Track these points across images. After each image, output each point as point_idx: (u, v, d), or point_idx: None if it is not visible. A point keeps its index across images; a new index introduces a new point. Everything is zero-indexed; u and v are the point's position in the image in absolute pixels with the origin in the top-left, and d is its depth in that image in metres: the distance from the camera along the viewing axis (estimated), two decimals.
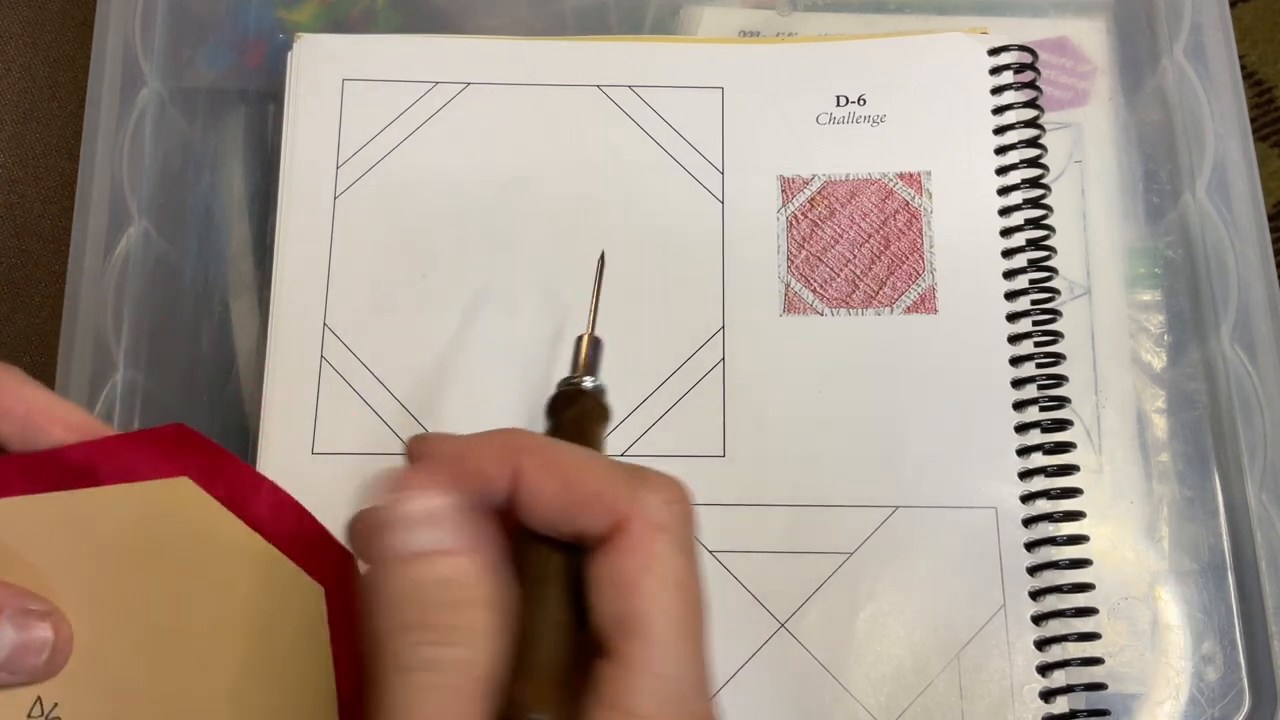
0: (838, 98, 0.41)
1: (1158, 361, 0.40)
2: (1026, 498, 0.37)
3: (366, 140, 0.40)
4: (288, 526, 0.30)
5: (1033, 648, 0.36)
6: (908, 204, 0.40)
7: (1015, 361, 0.38)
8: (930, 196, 0.40)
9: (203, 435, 0.30)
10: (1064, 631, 0.36)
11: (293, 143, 0.40)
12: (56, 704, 0.29)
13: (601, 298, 0.33)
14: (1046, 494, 0.37)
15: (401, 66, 0.41)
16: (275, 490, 0.30)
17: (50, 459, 0.29)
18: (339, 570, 0.29)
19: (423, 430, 0.37)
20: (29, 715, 0.28)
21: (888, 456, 0.37)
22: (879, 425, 0.38)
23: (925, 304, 0.39)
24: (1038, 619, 0.36)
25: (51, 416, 0.28)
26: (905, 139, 0.40)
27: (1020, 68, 0.41)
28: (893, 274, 0.39)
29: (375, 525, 0.23)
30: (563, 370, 0.30)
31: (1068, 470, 0.37)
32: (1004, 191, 0.40)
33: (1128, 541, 0.38)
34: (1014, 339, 0.38)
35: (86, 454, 0.29)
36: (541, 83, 0.41)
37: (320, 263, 0.39)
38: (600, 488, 0.22)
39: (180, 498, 0.30)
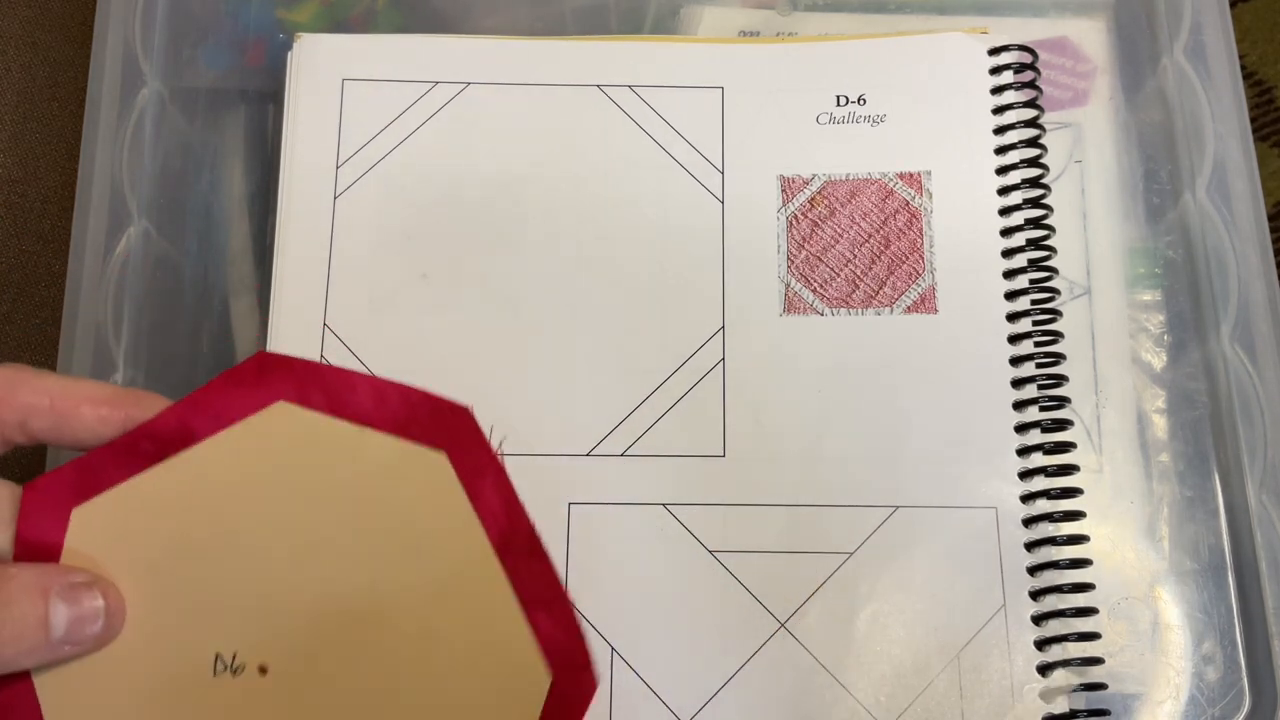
0: (838, 98, 0.41)
1: (1158, 361, 0.40)
2: (1026, 498, 0.37)
3: (366, 140, 0.40)
4: (394, 408, 0.30)
5: (1033, 648, 0.36)
6: (908, 204, 0.40)
7: (1015, 361, 0.38)
8: (930, 196, 0.40)
9: (283, 355, 0.31)
10: (1064, 631, 0.36)
11: (293, 143, 0.40)
12: (236, 653, 0.29)
13: None
14: (1046, 494, 0.37)
15: (401, 66, 0.41)
16: (370, 380, 0.30)
17: (140, 436, 0.30)
18: (455, 427, 0.30)
19: None
20: (214, 673, 0.29)
21: (888, 456, 0.37)
22: (879, 425, 0.38)
23: (925, 304, 0.39)
24: (1038, 619, 0.36)
25: (76, 399, 0.28)
26: (905, 139, 0.40)
27: (1020, 68, 0.41)
28: (893, 274, 0.39)
29: None
30: (559, 375, 0.30)
31: (1068, 470, 0.37)
32: (1004, 191, 0.40)
33: (1128, 541, 0.38)
34: (1014, 339, 0.38)
35: (176, 417, 0.30)
36: (541, 83, 0.41)
37: (320, 263, 0.39)
38: None
39: (282, 423, 0.30)
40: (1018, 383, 0.38)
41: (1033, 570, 0.36)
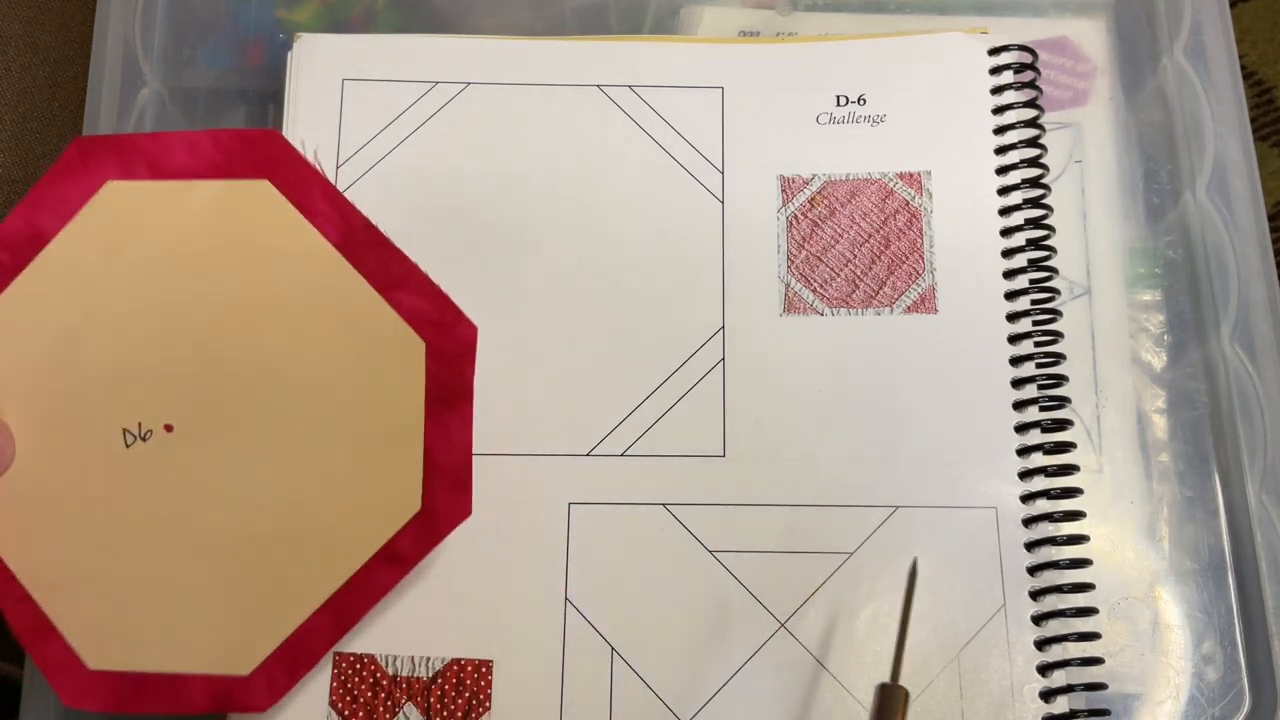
0: (838, 98, 0.41)
1: (1158, 361, 0.40)
2: (1026, 498, 0.37)
3: (366, 140, 0.40)
4: (209, 154, 0.33)
5: (1033, 648, 0.36)
6: (908, 204, 0.40)
7: (1015, 361, 0.38)
8: (930, 196, 0.40)
9: (98, 136, 0.33)
10: (1064, 631, 0.36)
11: (293, 143, 0.40)
12: (140, 422, 0.32)
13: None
14: (1046, 494, 0.37)
15: (401, 66, 0.41)
16: (181, 135, 0.33)
17: None
18: (271, 155, 0.32)
19: None
20: (127, 445, 0.32)
21: (888, 456, 0.37)
22: (879, 425, 0.38)
23: (925, 304, 0.39)
24: (1038, 619, 0.36)
25: None
26: (905, 139, 0.40)
27: (1020, 68, 0.41)
28: (893, 274, 0.39)
29: None
30: (559, 375, 0.30)
31: (1068, 470, 0.37)
32: (1004, 191, 0.40)
33: (1128, 541, 0.38)
34: (1014, 339, 0.38)
35: (21, 220, 0.32)
36: (541, 83, 0.41)
37: None
38: None
39: (117, 200, 0.32)
40: (1018, 383, 0.38)
41: (1033, 570, 0.36)
